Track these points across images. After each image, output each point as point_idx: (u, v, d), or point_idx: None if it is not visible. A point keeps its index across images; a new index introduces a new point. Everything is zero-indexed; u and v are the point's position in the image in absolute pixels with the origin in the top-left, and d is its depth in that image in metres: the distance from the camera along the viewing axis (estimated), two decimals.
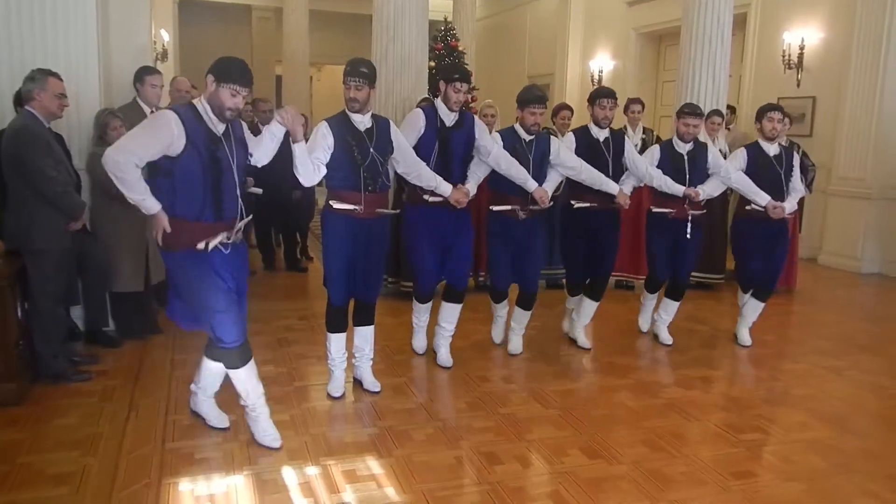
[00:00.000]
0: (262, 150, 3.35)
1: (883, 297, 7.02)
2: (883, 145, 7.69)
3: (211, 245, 3.04)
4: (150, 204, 2.96)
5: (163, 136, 2.92)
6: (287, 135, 3.37)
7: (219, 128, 3.08)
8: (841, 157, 8.07)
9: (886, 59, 7.56)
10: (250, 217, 3.28)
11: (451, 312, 4.46)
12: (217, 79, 3.00)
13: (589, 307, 4.90)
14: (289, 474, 3.05)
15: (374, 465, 3.16)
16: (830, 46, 8.32)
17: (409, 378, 4.25)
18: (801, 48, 8.52)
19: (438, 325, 4.50)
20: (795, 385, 4.35)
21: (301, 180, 3.53)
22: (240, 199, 3.17)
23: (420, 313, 4.62)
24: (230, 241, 3.14)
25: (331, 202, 3.70)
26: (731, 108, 6.55)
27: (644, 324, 5.32)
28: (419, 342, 4.70)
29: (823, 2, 8.39)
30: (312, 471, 3.09)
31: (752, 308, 5.06)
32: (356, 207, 3.65)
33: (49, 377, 3.93)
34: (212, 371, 3.40)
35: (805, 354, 4.95)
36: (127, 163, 2.86)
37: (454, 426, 3.60)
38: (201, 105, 3.06)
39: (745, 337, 5.09)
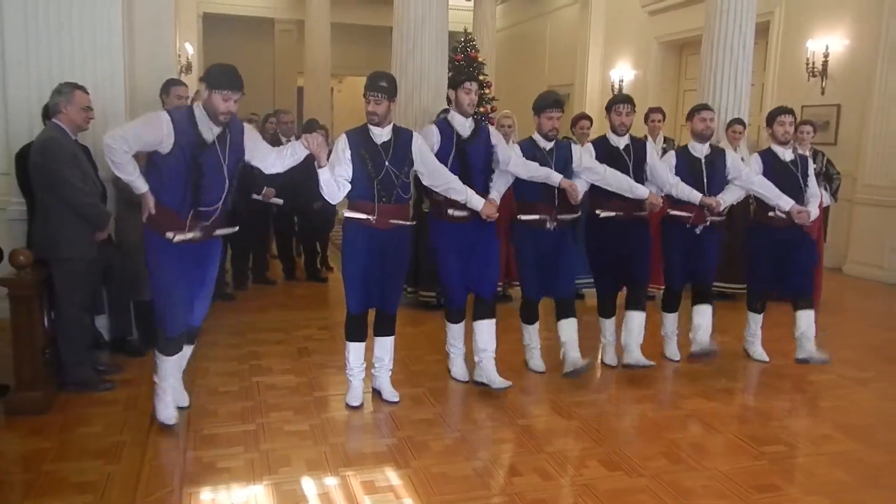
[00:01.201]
0: (279, 162, 3.66)
1: None
2: None
3: (177, 238, 3.35)
4: (138, 184, 3.34)
5: (153, 133, 3.27)
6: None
7: (214, 131, 3.36)
8: (866, 165, 7.96)
9: None
10: (235, 229, 3.65)
11: (486, 331, 4.22)
12: (209, 86, 3.29)
13: (635, 320, 4.55)
14: (308, 485, 3.07)
15: (392, 476, 3.17)
16: (855, 54, 8.22)
17: (427, 388, 4.25)
18: (826, 56, 8.43)
19: (477, 351, 4.25)
20: (820, 396, 4.29)
21: (327, 199, 3.75)
22: (224, 202, 3.48)
23: (455, 338, 4.38)
24: (199, 238, 3.42)
25: (344, 211, 3.79)
26: (741, 122, 6.50)
27: (672, 352, 4.98)
28: (457, 369, 4.41)
29: (848, 9, 8.30)
30: (331, 481, 3.10)
31: (805, 321, 4.70)
32: (369, 217, 3.69)
33: (74, 385, 3.99)
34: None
35: (830, 365, 4.84)
36: (119, 148, 3.22)
37: (473, 437, 3.59)
38: (199, 110, 3.36)
39: (817, 355, 4.63)
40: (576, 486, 3.10)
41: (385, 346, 4.03)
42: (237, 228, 3.71)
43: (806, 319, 4.71)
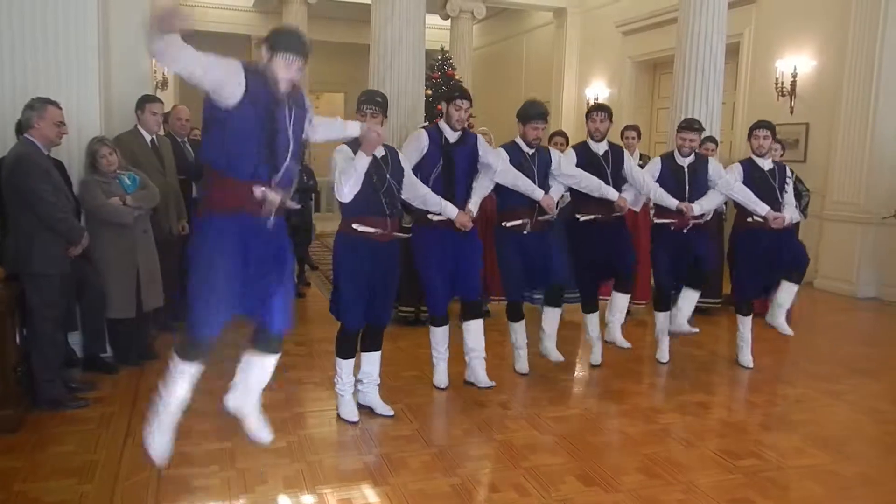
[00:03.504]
0: (327, 132, 3.32)
1: (879, 322, 7.04)
2: (876, 170, 7.75)
3: (270, 195, 2.78)
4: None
5: (228, 70, 2.70)
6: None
7: (280, 92, 2.85)
8: (835, 181, 8.14)
9: (878, 86, 7.65)
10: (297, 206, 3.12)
11: (475, 331, 4.38)
12: (271, 47, 2.81)
13: (620, 300, 4.96)
14: (284, 503, 3.04)
15: (370, 493, 3.15)
16: (823, 74, 8.43)
17: (405, 404, 4.24)
18: (794, 76, 8.63)
19: (467, 351, 4.43)
20: (793, 410, 4.35)
21: (344, 191, 3.58)
22: (295, 170, 2.98)
23: (438, 342, 4.43)
24: (279, 207, 2.85)
25: (353, 225, 3.71)
26: (713, 140, 6.67)
27: (663, 354, 5.21)
28: (440, 377, 4.49)
29: (815, 32, 8.52)
30: (308, 499, 3.08)
31: (787, 293, 4.99)
32: (378, 230, 3.70)
33: (46, 403, 3.93)
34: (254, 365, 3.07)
35: (802, 379, 4.95)
36: (184, 49, 2.55)
37: (451, 453, 3.59)
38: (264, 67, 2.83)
39: (785, 327, 5.05)
40: (553, 502, 3.11)
41: (373, 361, 4.03)
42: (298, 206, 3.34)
43: (789, 291, 5.00)
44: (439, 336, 4.42)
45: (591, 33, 12.55)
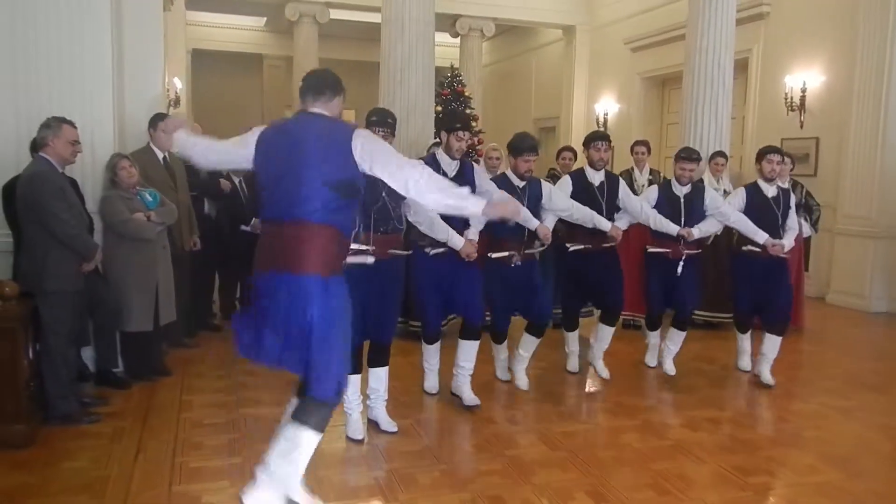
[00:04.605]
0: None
1: (892, 336, 6.98)
2: (887, 184, 7.73)
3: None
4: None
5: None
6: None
7: None
8: (846, 196, 8.11)
9: (888, 99, 7.64)
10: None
11: (468, 350, 4.44)
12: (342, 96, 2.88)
13: (604, 332, 5.03)
14: None
15: None
16: (832, 88, 8.43)
17: (415, 420, 4.24)
18: (803, 91, 8.63)
19: (457, 365, 4.49)
20: (804, 426, 4.32)
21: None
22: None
23: (430, 356, 4.61)
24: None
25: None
26: (723, 155, 6.71)
27: (651, 359, 5.47)
28: (430, 383, 4.69)
29: (824, 48, 8.53)
30: None
31: (770, 344, 5.04)
32: (367, 248, 3.68)
33: (58, 419, 3.96)
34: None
35: (814, 395, 4.91)
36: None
37: (460, 469, 3.59)
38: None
39: (767, 377, 5.03)
40: None
41: (380, 377, 4.04)
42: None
43: (773, 344, 5.03)
44: (431, 351, 4.59)
45: (600, 50, 12.62)
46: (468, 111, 9.77)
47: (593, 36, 12.84)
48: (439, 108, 8.98)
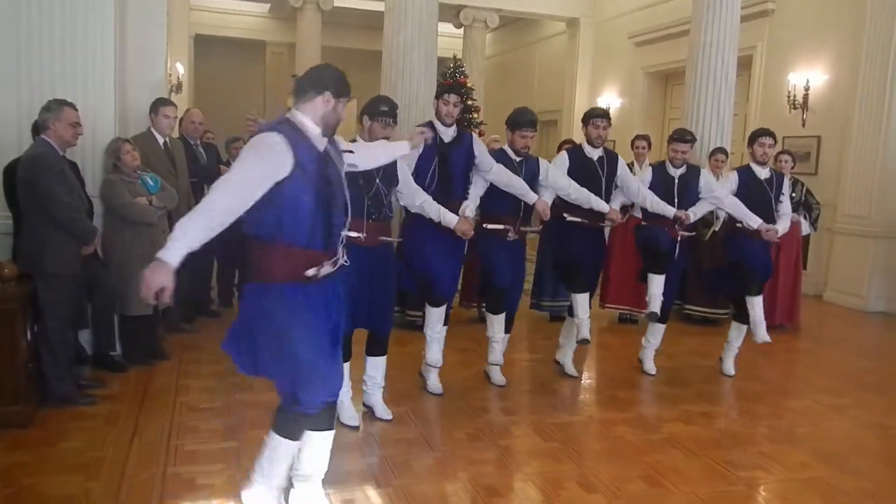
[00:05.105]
0: (374, 161, 3.50)
1: (888, 336, 7.00)
2: (888, 183, 7.73)
3: (322, 273, 2.68)
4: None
5: (271, 163, 2.53)
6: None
7: (320, 144, 2.72)
8: (846, 195, 8.11)
9: (891, 99, 7.63)
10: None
11: (435, 316, 4.29)
12: (337, 94, 2.73)
13: (584, 300, 4.70)
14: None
15: (372, 494, 3.18)
16: (835, 87, 8.42)
17: (410, 407, 4.26)
18: (806, 89, 8.62)
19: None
20: (797, 423, 4.34)
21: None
22: (347, 215, 2.89)
23: (435, 321, 4.31)
24: (336, 268, 2.78)
25: None
26: (724, 151, 6.70)
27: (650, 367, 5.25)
28: (434, 355, 4.36)
29: (828, 47, 8.51)
30: None
31: (755, 306, 4.95)
32: (359, 235, 3.69)
33: (56, 400, 3.98)
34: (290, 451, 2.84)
35: (808, 392, 4.93)
36: (194, 233, 2.39)
37: (454, 457, 3.61)
38: (305, 119, 2.69)
39: (764, 335, 4.95)
40: None
41: (377, 365, 4.05)
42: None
43: (757, 305, 4.93)
44: (436, 315, 4.30)
45: (604, 44, 12.59)
46: (470, 102, 9.76)
47: (597, 29, 12.81)
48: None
